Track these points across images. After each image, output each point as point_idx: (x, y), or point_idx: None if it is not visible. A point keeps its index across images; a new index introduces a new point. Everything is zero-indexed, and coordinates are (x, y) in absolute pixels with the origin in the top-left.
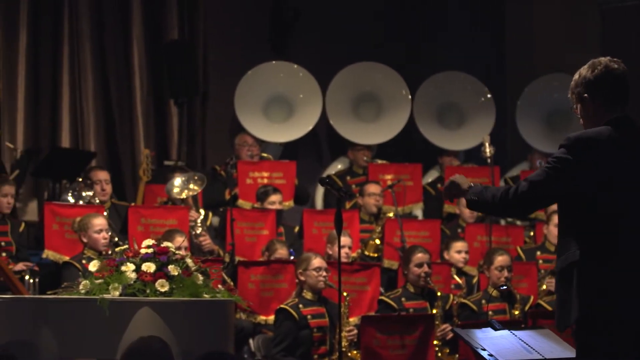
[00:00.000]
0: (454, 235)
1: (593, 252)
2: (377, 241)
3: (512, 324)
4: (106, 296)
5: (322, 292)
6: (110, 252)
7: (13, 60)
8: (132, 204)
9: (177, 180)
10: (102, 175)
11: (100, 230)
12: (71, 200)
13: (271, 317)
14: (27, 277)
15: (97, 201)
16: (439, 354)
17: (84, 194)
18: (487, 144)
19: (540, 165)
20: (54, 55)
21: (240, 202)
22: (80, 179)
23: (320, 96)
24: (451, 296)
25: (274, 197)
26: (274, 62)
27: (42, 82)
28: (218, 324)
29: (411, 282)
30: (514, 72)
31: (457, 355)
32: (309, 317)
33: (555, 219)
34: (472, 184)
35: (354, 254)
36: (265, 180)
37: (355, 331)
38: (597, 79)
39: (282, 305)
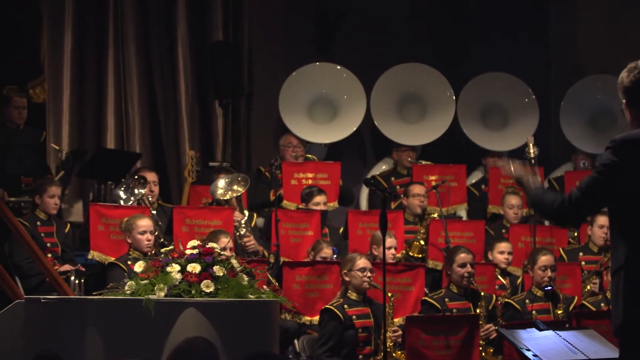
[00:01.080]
0: (498, 235)
1: (637, 255)
2: (422, 242)
3: (556, 325)
4: (151, 297)
5: (367, 293)
6: (154, 252)
7: (58, 62)
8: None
9: (221, 182)
10: (151, 177)
11: (144, 232)
12: (122, 195)
13: (316, 318)
14: (72, 278)
15: (149, 200)
16: (483, 354)
17: (136, 191)
18: (531, 145)
19: (584, 165)
20: (99, 56)
21: (285, 203)
22: (136, 177)
23: (364, 97)
24: (494, 296)
25: (319, 198)
26: (317, 63)
27: (87, 84)
28: (263, 324)
29: (454, 282)
30: (558, 73)
31: (501, 356)
32: (354, 317)
33: (599, 220)
34: (536, 183)
35: (399, 255)
36: (310, 181)
37: (400, 332)
38: (632, 84)
39: (327, 306)
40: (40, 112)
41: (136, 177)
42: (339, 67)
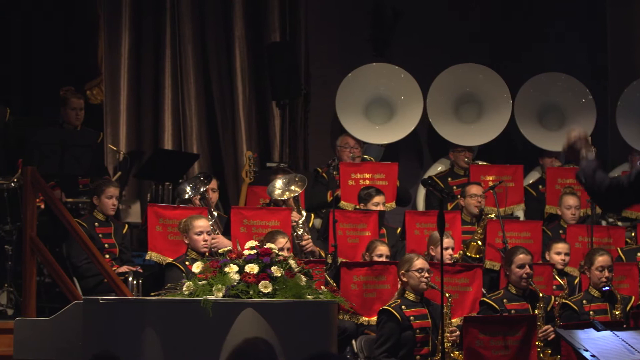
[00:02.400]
0: (556, 236)
1: None
2: (479, 242)
3: (613, 325)
4: (210, 297)
5: (425, 293)
6: (209, 253)
7: (116, 63)
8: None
9: (279, 182)
10: (211, 184)
11: (201, 232)
12: (189, 191)
13: (374, 318)
14: (130, 279)
15: (211, 198)
16: (541, 355)
17: (201, 189)
18: None
19: None
20: (156, 57)
21: (343, 203)
22: (201, 177)
23: (421, 97)
24: (553, 297)
25: (378, 199)
26: (374, 64)
27: (145, 85)
28: (321, 325)
29: (513, 283)
30: (615, 73)
31: (559, 356)
32: (411, 318)
33: None
34: (590, 157)
35: (456, 255)
36: (367, 182)
37: (458, 332)
38: None
39: (385, 306)
40: (97, 113)
41: (202, 175)
42: (396, 68)
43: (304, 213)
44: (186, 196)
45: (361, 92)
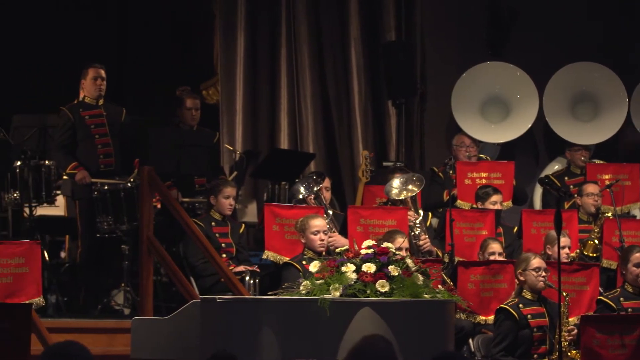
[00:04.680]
0: None
1: None
2: (596, 241)
3: None
4: (327, 297)
5: (542, 292)
6: (326, 252)
7: (231, 63)
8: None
9: (396, 181)
10: (324, 183)
11: (317, 232)
12: (303, 191)
13: (491, 317)
14: (247, 278)
15: (324, 196)
16: None
17: (315, 188)
18: None
19: None
20: (272, 58)
21: (459, 202)
22: (314, 176)
23: (537, 96)
24: None
25: (495, 197)
26: (488, 62)
27: (260, 84)
28: (438, 324)
29: (629, 281)
30: None
31: None
32: (529, 316)
33: None
34: None
35: (573, 254)
36: (484, 181)
37: (575, 331)
38: None
39: (502, 305)
40: (213, 113)
41: (314, 174)
42: (510, 66)
43: (421, 212)
44: (300, 196)
45: (477, 91)
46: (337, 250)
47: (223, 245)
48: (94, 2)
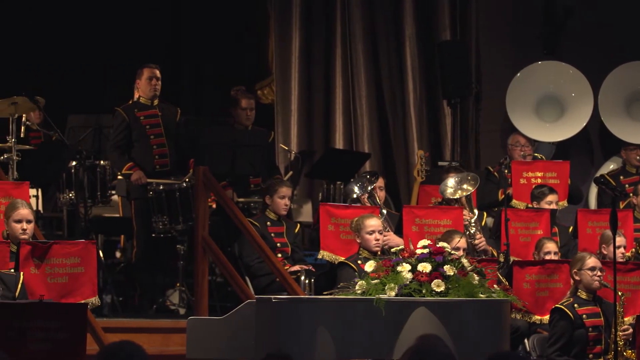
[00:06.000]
0: None
1: None
2: None
3: None
4: (382, 296)
5: (597, 292)
6: (381, 252)
7: (286, 63)
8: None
9: (451, 181)
10: (378, 183)
11: (372, 232)
12: (357, 191)
13: (546, 317)
14: (302, 278)
15: (378, 196)
16: None
17: (369, 187)
18: None
19: None
20: (327, 57)
21: (514, 202)
22: (368, 175)
23: (591, 95)
24: None
25: (551, 197)
26: (540, 62)
27: (315, 84)
28: (494, 323)
29: None
30: None
31: None
32: (584, 316)
33: None
34: None
35: (628, 254)
36: (539, 180)
37: (631, 330)
38: None
39: (557, 305)
40: (268, 113)
41: (368, 174)
42: (564, 65)
43: (476, 212)
44: (354, 195)
45: (531, 91)
46: (392, 250)
47: (278, 245)
48: (149, 2)
